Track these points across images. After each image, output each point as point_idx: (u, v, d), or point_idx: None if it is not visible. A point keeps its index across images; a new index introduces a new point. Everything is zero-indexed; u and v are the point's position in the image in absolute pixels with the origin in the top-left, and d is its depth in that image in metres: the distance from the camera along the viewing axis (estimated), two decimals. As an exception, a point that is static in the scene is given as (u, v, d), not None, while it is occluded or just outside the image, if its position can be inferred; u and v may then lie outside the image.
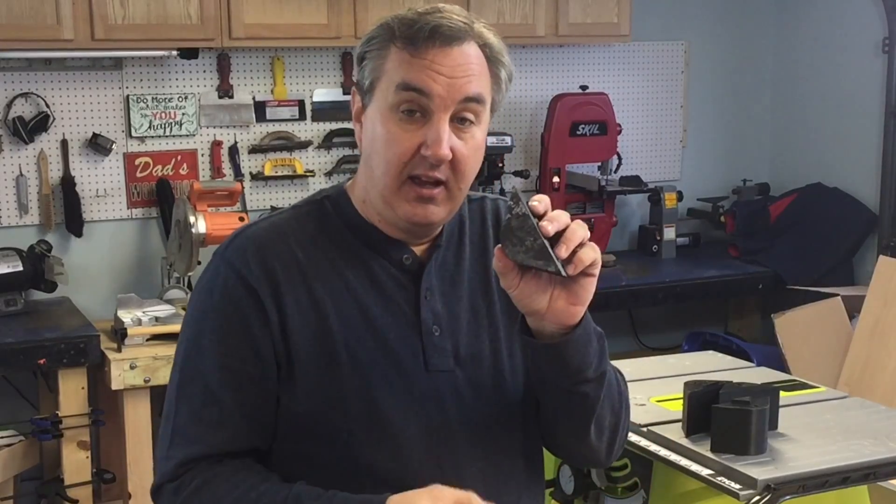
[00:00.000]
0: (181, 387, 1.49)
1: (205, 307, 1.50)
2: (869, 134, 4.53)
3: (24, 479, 3.63)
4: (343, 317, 1.47)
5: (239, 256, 1.48)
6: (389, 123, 1.44)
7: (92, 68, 3.86)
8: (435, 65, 1.42)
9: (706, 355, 2.77)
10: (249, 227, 1.54)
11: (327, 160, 4.24)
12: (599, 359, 1.47)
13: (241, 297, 1.46)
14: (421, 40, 1.42)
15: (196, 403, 1.46)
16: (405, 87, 1.42)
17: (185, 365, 1.50)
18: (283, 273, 1.47)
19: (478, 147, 1.48)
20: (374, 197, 1.49)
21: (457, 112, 1.44)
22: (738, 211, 4.69)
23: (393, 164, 1.44)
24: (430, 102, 1.42)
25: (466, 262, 1.57)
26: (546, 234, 1.33)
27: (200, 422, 1.46)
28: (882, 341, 3.86)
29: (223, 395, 1.45)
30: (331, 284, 1.48)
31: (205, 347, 1.47)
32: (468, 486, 1.51)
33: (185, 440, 1.46)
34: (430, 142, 1.42)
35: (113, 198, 3.94)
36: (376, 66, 1.46)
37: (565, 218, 1.36)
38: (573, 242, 1.35)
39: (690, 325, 4.68)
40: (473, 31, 1.46)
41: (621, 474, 2.16)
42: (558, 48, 4.56)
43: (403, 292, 1.51)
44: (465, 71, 1.43)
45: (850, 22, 4.61)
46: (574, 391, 1.47)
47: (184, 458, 1.45)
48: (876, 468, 1.93)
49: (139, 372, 3.35)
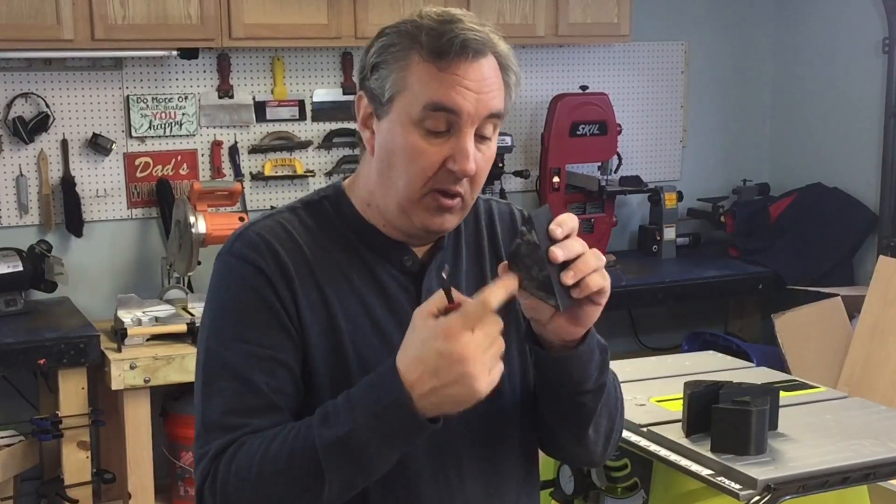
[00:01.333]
0: (207, 384, 1.44)
1: (223, 303, 1.46)
2: (869, 134, 4.53)
3: (24, 479, 3.63)
4: (349, 316, 1.47)
5: (252, 250, 1.46)
6: (413, 136, 1.42)
7: (92, 68, 3.86)
8: (465, 80, 1.40)
9: (706, 355, 2.77)
10: (253, 224, 1.52)
11: (327, 160, 4.24)
12: (600, 371, 1.48)
13: (261, 285, 1.44)
14: (452, 54, 1.40)
15: (228, 394, 1.41)
16: (435, 108, 1.40)
17: (209, 363, 1.45)
18: (295, 269, 1.46)
19: (491, 158, 1.49)
20: (388, 204, 1.48)
21: (480, 127, 1.43)
22: (738, 211, 4.69)
23: (418, 176, 1.43)
24: (459, 119, 1.41)
25: (464, 263, 1.58)
26: (554, 261, 1.32)
27: (236, 411, 1.40)
28: (882, 341, 3.86)
29: (258, 382, 1.41)
30: (337, 283, 1.48)
31: (228, 339, 1.43)
32: (468, 486, 1.52)
33: (222, 431, 1.40)
34: (457, 158, 1.41)
35: (113, 198, 3.94)
36: (399, 79, 1.42)
37: (579, 247, 1.34)
38: (581, 273, 1.33)
39: (690, 325, 4.69)
40: (491, 41, 1.44)
41: (621, 474, 2.17)
42: (558, 48, 4.56)
43: (405, 293, 1.51)
44: (490, 86, 1.43)
45: (850, 22, 4.61)
46: (573, 400, 1.48)
47: (221, 447, 1.39)
48: (876, 468, 1.93)
49: (139, 372, 3.35)
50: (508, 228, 1.64)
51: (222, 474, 1.37)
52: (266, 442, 1.36)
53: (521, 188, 4.56)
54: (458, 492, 1.50)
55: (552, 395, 1.50)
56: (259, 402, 1.40)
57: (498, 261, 1.60)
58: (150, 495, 3.49)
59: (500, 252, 1.61)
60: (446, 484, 1.49)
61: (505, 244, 1.61)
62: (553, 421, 1.55)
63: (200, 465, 1.40)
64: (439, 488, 1.49)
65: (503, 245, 1.61)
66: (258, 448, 1.35)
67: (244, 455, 1.36)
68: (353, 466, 1.31)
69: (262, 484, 1.34)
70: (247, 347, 1.42)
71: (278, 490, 1.33)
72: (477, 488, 1.52)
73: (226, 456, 1.37)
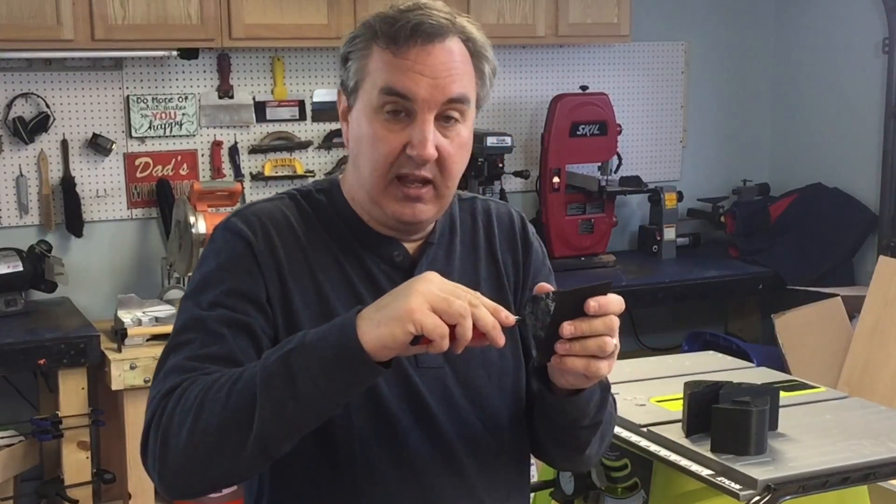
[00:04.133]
0: (176, 339, 1.44)
1: (209, 269, 1.47)
2: (869, 134, 4.53)
3: (24, 479, 3.63)
4: (343, 302, 1.48)
5: (247, 227, 1.48)
6: (374, 124, 1.44)
7: (92, 68, 3.86)
8: (417, 65, 1.41)
9: (706, 355, 2.77)
10: (253, 204, 1.54)
11: (327, 160, 4.24)
12: (598, 408, 1.50)
13: (248, 259, 1.45)
14: (402, 39, 1.42)
15: (195, 345, 1.41)
16: (388, 92, 1.42)
17: (184, 323, 1.44)
18: (287, 254, 1.47)
19: (463, 144, 1.49)
20: (362, 196, 1.50)
21: (441, 111, 1.44)
22: (738, 211, 4.69)
23: (379, 163, 1.45)
24: (414, 105, 1.42)
25: (456, 261, 1.58)
26: (561, 334, 1.31)
27: (197, 357, 1.40)
28: (882, 341, 3.86)
29: (226, 335, 1.41)
30: (331, 272, 1.49)
31: (207, 303, 1.43)
32: (461, 481, 1.52)
33: (179, 372, 1.39)
34: (415, 142, 1.42)
35: (113, 198, 3.94)
36: (360, 67, 1.46)
37: (600, 327, 1.31)
38: (574, 351, 1.31)
39: (690, 325, 4.69)
40: (455, 26, 1.45)
41: (621, 474, 2.16)
42: (558, 48, 4.56)
43: (394, 287, 1.52)
44: (449, 70, 1.43)
45: (850, 22, 4.61)
46: (567, 431, 1.52)
47: (173, 385, 1.37)
48: (876, 468, 1.93)
49: (139, 372, 3.35)
50: (507, 230, 1.64)
51: (170, 408, 1.34)
52: (217, 376, 1.34)
53: (521, 188, 4.56)
54: (449, 489, 1.51)
55: (549, 422, 1.52)
56: (222, 352, 1.40)
57: (493, 262, 1.61)
58: (150, 495, 3.49)
59: (497, 253, 1.61)
60: (438, 481, 1.50)
61: (502, 246, 1.62)
62: (546, 441, 1.58)
63: (151, 405, 1.38)
64: (433, 484, 1.49)
65: (499, 246, 1.62)
66: (208, 381, 1.34)
67: (193, 388, 1.34)
68: (287, 387, 1.27)
69: (200, 416, 1.31)
70: (223, 311, 1.42)
71: (214, 420, 1.30)
72: (467, 485, 1.52)
73: (176, 392, 1.35)
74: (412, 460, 1.48)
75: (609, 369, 1.35)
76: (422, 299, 1.24)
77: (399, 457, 1.47)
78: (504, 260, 1.62)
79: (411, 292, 1.25)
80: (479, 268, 1.60)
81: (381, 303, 1.28)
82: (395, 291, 1.28)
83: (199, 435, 1.30)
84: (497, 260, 1.61)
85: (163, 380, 1.40)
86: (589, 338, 1.31)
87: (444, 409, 1.50)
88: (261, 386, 1.28)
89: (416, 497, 1.48)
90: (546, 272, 1.66)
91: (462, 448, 1.51)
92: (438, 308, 1.24)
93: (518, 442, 1.59)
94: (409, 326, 1.23)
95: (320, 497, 1.48)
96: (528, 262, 1.64)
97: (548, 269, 1.68)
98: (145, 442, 1.37)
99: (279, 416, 1.28)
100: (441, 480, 1.50)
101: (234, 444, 1.29)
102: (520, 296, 1.62)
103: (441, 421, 1.50)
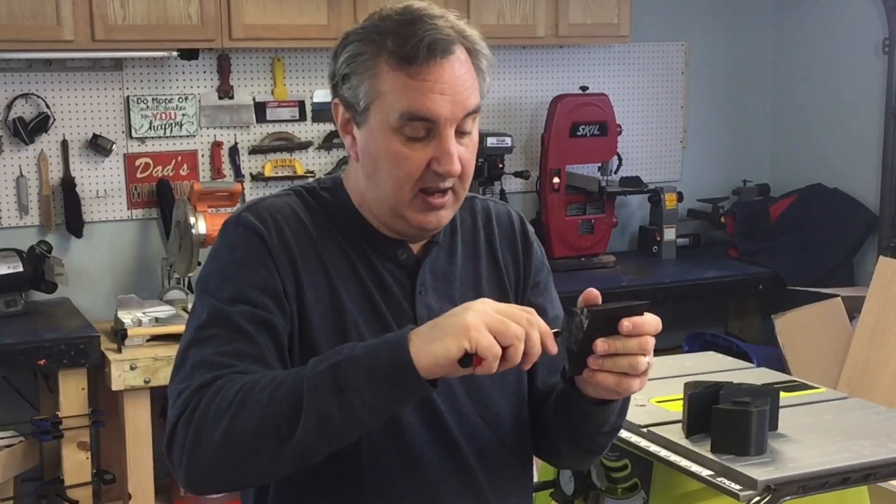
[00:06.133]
0: (199, 334, 1.40)
1: (225, 264, 1.45)
2: (869, 134, 4.53)
3: (24, 479, 3.63)
4: (353, 298, 1.48)
5: (259, 222, 1.47)
6: (394, 143, 1.43)
7: (92, 69, 3.86)
8: (438, 85, 1.40)
9: (706, 356, 2.78)
10: (262, 200, 1.53)
11: (327, 161, 4.24)
12: (618, 416, 1.52)
13: (264, 254, 1.44)
14: (418, 59, 1.40)
15: (221, 340, 1.39)
16: (411, 118, 1.41)
17: (205, 318, 1.41)
18: (300, 249, 1.47)
19: (475, 146, 1.50)
20: (380, 207, 1.50)
21: (459, 125, 1.44)
22: (738, 211, 4.69)
23: (404, 181, 1.44)
24: (437, 124, 1.42)
25: (459, 260, 1.59)
26: (594, 350, 1.33)
27: (227, 353, 1.38)
28: (882, 342, 3.86)
29: (253, 333, 1.39)
30: (341, 266, 1.50)
31: (227, 299, 1.41)
32: (463, 479, 1.52)
33: (210, 367, 1.37)
34: (442, 160, 1.42)
35: (113, 198, 3.94)
36: (371, 88, 1.43)
37: (634, 346, 1.33)
38: (606, 367, 1.34)
39: (691, 325, 4.68)
40: (457, 31, 1.44)
41: (621, 475, 2.17)
42: (558, 49, 4.56)
43: (399, 286, 1.53)
44: (464, 84, 1.43)
45: (850, 22, 4.61)
46: (587, 436, 1.54)
47: (206, 381, 1.35)
48: (876, 469, 1.94)
49: (139, 373, 3.35)
50: (506, 230, 1.65)
51: (204, 404, 1.33)
52: (257, 377, 1.33)
53: (521, 189, 4.56)
54: (454, 485, 1.51)
55: (568, 426, 1.53)
56: (251, 350, 1.39)
57: (494, 261, 1.62)
58: (150, 496, 3.49)
59: (497, 252, 1.62)
60: (443, 478, 1.50)
61: (502, 245, 1.63)
62: (561, 443, 1.59)
63: (181, 399, 1.36)
64: (438, 481, 1.50)
65: (499, 246, 1.62)
66: (247, 381, 1.33)
67: (231, 387, 1.33)
68: (334, 397, 1.27)
69: (239, 415, 1.30)
70: (245, 307, 1.41)
71: (253, 422, 1.29)
72: (470, 481, 1.53)
73: (212, 388, 1.34)
74: (417, 457, 1.49)
75: (641, 386, 1.36)
76: (479, 318, 1.26)
77: (404, 454, 1.48)
78: (504, 259, 1.63)
79: (468, 311, 1.27)
80: (481, 267, 1.60)
81: (436, 321, 1.29)
82: (450, 312, 1.29)
83: (237, 435, 1.30)
84: (497, 259, 1.62)
85: (191, 374, 1.38)
86: (622, 355, 1.32)
87: (449, 406, 1.51)
88: (307, 394, 1.28)
89: (421, 494, 1.49)
90: (546, 272, 1.67)
91: (465, 445, 1.52)
92: (494, 328, 1.25)
93: (520, 440, 1.60)
94: (463, 342, 1.24)
95: (325, 494, 1.48)
96: (529, 261, 1.65)
97: (547, 270, 1.69)
98: (172, 435, 1.36)
99: (323, 425, 1.28)
100: (446, 477, 1.50)
101: (271, 448, 1.30)
102: (521, 296, 1.62)
103: (445, 418, 1.50)
